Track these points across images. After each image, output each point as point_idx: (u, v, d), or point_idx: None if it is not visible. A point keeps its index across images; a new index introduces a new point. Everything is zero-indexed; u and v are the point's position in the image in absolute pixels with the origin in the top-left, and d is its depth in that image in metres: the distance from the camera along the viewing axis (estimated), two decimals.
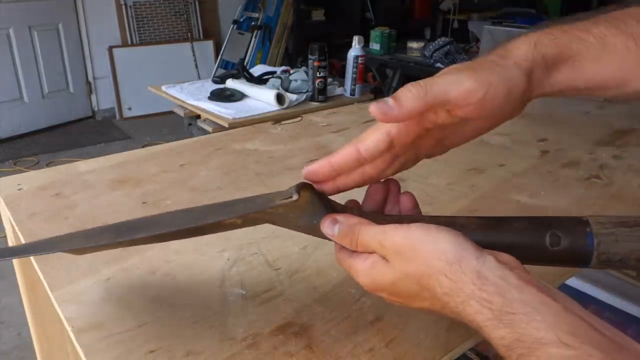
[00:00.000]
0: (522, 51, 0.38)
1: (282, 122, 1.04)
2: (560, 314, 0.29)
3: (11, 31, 3.41)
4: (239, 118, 1.61)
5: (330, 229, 0.39)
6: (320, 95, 1.74)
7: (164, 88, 1.93)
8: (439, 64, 2.88)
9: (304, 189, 0.39)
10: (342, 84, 1.87)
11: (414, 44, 3.09)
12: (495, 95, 0.36)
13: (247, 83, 1.85)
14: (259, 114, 1.64)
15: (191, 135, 1.77)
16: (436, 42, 2.98)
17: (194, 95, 1.83)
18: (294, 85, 1.80)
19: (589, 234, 0.36)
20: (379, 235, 0.36)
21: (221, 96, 1.78)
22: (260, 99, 1.73)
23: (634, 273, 1.27)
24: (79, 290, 0.50)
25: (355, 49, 1.75)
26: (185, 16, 4.21)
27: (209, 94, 1.80)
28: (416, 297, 0.36)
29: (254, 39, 4.12)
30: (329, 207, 0.40)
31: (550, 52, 0.38)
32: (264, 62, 4.02)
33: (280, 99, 1.67)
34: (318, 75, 1.71)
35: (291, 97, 1.71)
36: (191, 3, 4.25)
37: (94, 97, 4.04)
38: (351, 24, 4.23)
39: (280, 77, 1.83)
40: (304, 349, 0.43)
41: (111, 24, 3.95)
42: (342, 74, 2.05)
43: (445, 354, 0.44)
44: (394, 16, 4.32)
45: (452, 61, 2.88)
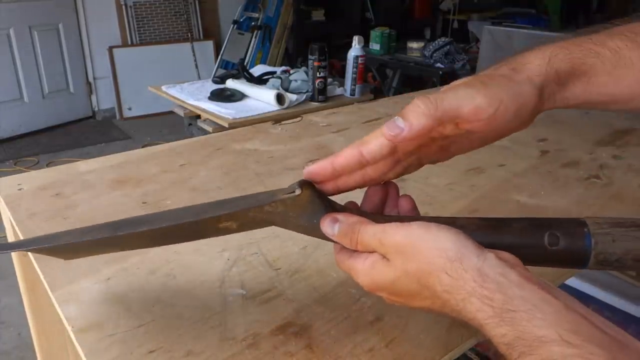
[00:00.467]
0: (535, 65, 0.38)
1: (282, 122, 1.04)
2: (562, 311, 0.29)
3: (11, 31, 3.42)
4: (239, 118, 1.61)
5: (330, 227, 0.39)
6: (320, 95, 1.74)
7: (164, 88, 1.93)
8: (438, 64, 2.88)
9: (305, 186, 0.38)
10: (342, 84, 1.87)
11: (414, 44, 3.09)
12: (505, 112, 0.36)
13: (247, 83, 1.85)
14: (259, 114, 1.64)
15: (191, 135, 1.77)
16: (436, 42, 2.98)
17: (194, 95, 1.83)
18: (294, 85, 1.80)
19: (587, 234, 0.37)
20: (379, 234, 0.36)
21: (221, 96, 1.78)
22: (260, 99, 1.74)
23: (633, 273, 1.27)
24: (79, 290, 0.50)
25: (355, 49, 1.75)
26: (185, 16, 4.21)
27: (209, 94, 1.80)
28: (416, 296, 0.36)
29: (254, 39, 4.13)
30: (329, 207, 0.40)
31: (564, 66, 0.38)
32: (264, 62, 4.02)
33: (280, 99, 1.67)
34: (318, 75, 1.71)
35: (291, 97, 1.71)
36: (191, 3, 4.25)
37: (94, 97, 4.05)
38: (351, 24, 4.24)
39: (280, 77, 1.83)
40: (304, 349, 0.43)
41: (111, 24, 3.96)
42: (342, 74, 2.05)
43: (445, 354, 0.44)
44: (394, 16, 4.32)
45: (452, 61, 2.88)
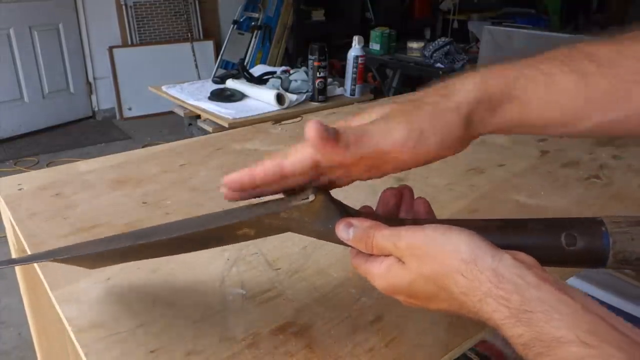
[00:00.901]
0: (465, 91, 0.37)
1: (282, 122, 1.04)
2: (579, 312, 0.29)
3: (11, 31, 3.42)
4: (239, 118, 1.61)
5: (345, 232, 0.39)
6: (320, 95, 1.74)
7: (164, 88, 1.94)
8: (438, 64, 2.88)
9: (319, 192, 0.38)
10: (342, 84, 1.87)
11: (414, 44, 3.09)
12: (426, 143, 0.36)
13: (247, 83, 1.85)
14: (259, 114, 1.64)
15: (191, 135, 1.77)
16: (436, 42, 2.98)
17: (194, 96, 1.83)
18: (294, 85, 1.80)
19: (605, 233, 0.36)
20: (393, 237, 0.36)
21: (221, 96, 1.78)
22: (260, 99, 1.74)
23: (633, 273, 1.27)
24: (79, 290, 0.50)
25: (355, 49, 1.75)
26: (185, 16, 4.21)
27: (209, 94, 1.80)
28: (434, 298, 0.36)
29: (254, 39, 4.13)
30: (343, 212, 0.40)
31: (496, 91, 0.37)
32: (264, 62, 4.02)
33: (280, 99, 1.67)
34: (318, 75, 1.71)
35: (291, 97, 1.71)
36: (191, 3, 4.25)
37: (94, 97, 4.05)
38: (351, 24, 4.24)
39: (280, 77, 1.83)
40: (304, 349, 0.43)
41: (111, 24, 3.96)
42: (342, 74, 2.05)
43: (445, 354, 0.44)
44: (394, 16, 4.32)
45: (452, 61, 2.88)
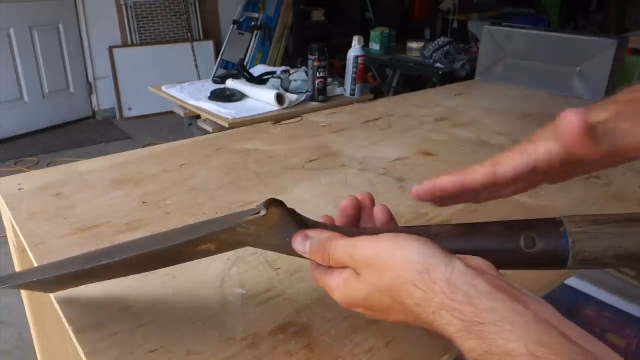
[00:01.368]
0: None
1: (282, 122, 1.04)
2: (531, 323, 0.28)
3: (12, 31, 3.42)
4: (239, 118, 1.61)
5: (302, 245, 0.38)
6: (320, 96, 1.74)
7: (164, 88, 1.94)
8: (438, 64, 2.88)
9: (273, 205, 0.38)
10: (342, 84, 1.87)
11: (413, 44, 3.09)
12: None
13: (247, 83, 1.85)
14: (259, 114, 1.64)
15: (191, 135, 1.78)
16: (436, 42, 2.98)
17: (194, 96, 1.83)
18: (294, 85, 1.80)
19: (564, 233, 0.36)
20: (349, 248, 0.36)
21: (221, 96, 1.78)
22: (261, 99, 1.74)
23: (633, 273, 1.27)
24: (79, 290, 0.50)
25: (355, 49, 1.75)
26: (185, 16, 4.21)
27: (209, 94, 1.80)
28: (390, 311, 0.35)
29: (254, 39, 4.13)
30: (301, 224, 0.39)
31: None
32: (264, 62, 4.02)
33: (280, 99, 1.67)
34: (318, 75, 1.71)
35: (291, 97, 1.71)
36: (191, 3, 4.25)
37: (94, 97, 4.05)
38: (351, 24, 4.23)
39: (280, 78, 1.83)
40: (304, 349, 0.43)
41: (111, 24, 3.96)
42: (342, 74, 2.05)
43: (445, 354, 0.44)
44: (394, 16, 4.32)
45: (451, 61, 2.88)
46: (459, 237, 0.38)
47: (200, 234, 0.39)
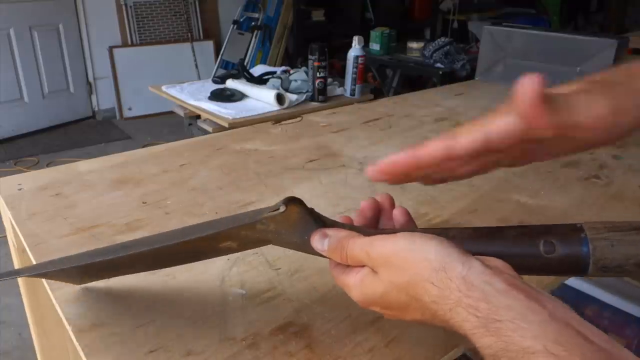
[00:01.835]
0: None
1: (282, 122, 1.04)
2: (547, 321, 0.28)
3: (11, 31, 3.42)
4: (239, 118, 1.61)
5: (320, 243, 0.38)
6: (320, 95, 1.74)
7: (164, 88, 1.93)
8: (438, 64, 2.88)
9: (292, 203, 0.38)
10: (342, 84, 1.87)
11: (414, 44, 3.09)
12: (622, 120, 0.35)
13: (247, 83, 1.85)
14: (259, 114, 1.64)
15: (191, 135, 1.77)
16: (436, 42, 2.98)
17: (194, 96, 1.83)
18: (294, 85, 1.80)
19: (585, 239, 0.35)
20: (366, 247, 0.36)
21: (221, 96, 1.78)
22: (260, 99, 1.74)
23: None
24: (79, 290, 0.50)
25: (355, 49, 1.75)
26: (185, 16, 4.21)
27: (209, 94, 1.80)
28: (407, 309, 0.35)
29: (254, 39, 4.13)
30: (320, 223, 0.40)
31: None
32: (264, 62, 4.02)
33: (280, 99, 1.67)
34: (318, 75, 1.71)
35: (291, 97, 1.71)
36: (191, 3, 4.25)
37: (94, 97, 4.05)
38: (351, 24, 4.23)
39: (280, 77, 1.83)
40: (304, 349, 0.43)
41: (111, 24, 3.96)
42: (342, 74, 2.05)
43: (445, 354, 0.44)
44: (394, 16, 4.32)
45: (452, 61, 2.88)
46: (477, 240, 0.37)
47: (221, 228, 0.40)
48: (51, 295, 0.50)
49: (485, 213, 0.67)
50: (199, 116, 1.80)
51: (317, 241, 0.39)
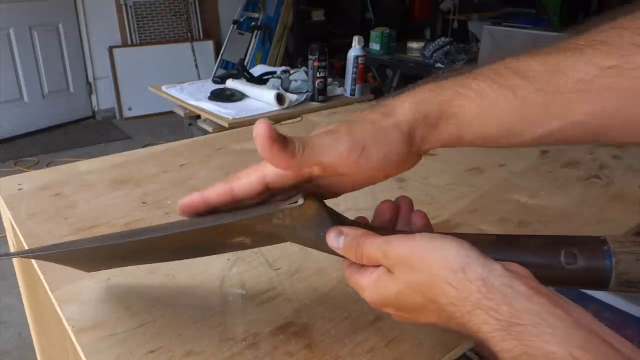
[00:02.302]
0: (405, 110, 0.37)
1: (282, 122, 1.04)
2: (573, 327, 0.28)
3: (11, 31, 3.42)
4: (239, 118, 1.61)
5: (336, 240, 0.38)
6: (320, 96, 1.74)
7: (164, 88, 1.93)
8: (438, 64, 2.88)
9: (309, 197, 0.38)
10: (342, 84, 1.87)
11: (414, 44, 3.09)
12: (369, 157, 0.36)
13: (247, 83, 1.85)
14: (259, 114, 1.64)
15: (191, 135, 1.77)
16: (436, 42, 2.98)
17: (194, 95, 1.83)
18: (294, 85, 1.80)
19: (607, 252, 0.34)
20: (383, 246, 0.35)
21: (221, 96, 1.78)
22: (260, 99, 1.73)
23: None
24: (79, 290, 0.50)
25: (355, 49, 1.75)
26: (185, 16, 4.21)
27: (209, 94, 1.80)
28: (422, 310, 0.35)
29: (254, 39, 4.13)
30: (336, 220, 0.39)
31: (432, 109, 0.37)
32: (264, 62, 4.02)
33: (280, 99, 1.67)
34: (318, 75, 1.71)
35: (291, 97, 1.71)
36: (191, 3, 4.25)
37: (94, 97, 4.05)
38: (351, 24, 4.23)
39: (280, 77, 1.83)
40: (304, 349, 0.43)
41: (111, 24, 3.96)
42: (342, 74, 2.05)
43: (445, 354, 0.44)
44: (394, 16, 4.32)
45: (452, 61, 2.88)
46: (497, 247, 0.37)
47: (236, 219, 0.40)
48: (51, 295, 0.50)
49: (485, 213, 0.67)
50: (199, 116, 1.80)
51: (333, 238, 0.38)
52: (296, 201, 0.37)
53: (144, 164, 0.81)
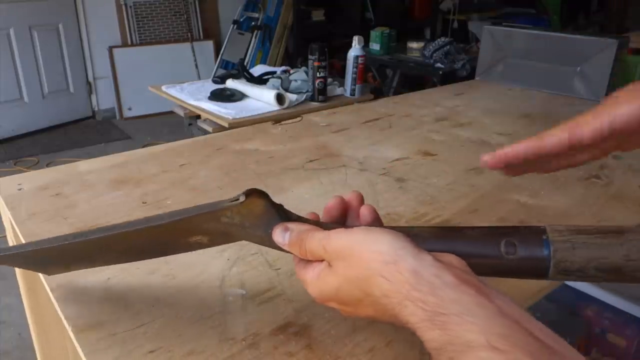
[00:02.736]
0: None
1: (282, 122, 1.04)
2: (494, 316, 0.28)
3: (11, 31, 3.42)
4: (239, 118, 1.61)
5: (281, 236, 0.38)
6: (320, 95, 1.74)
7: (164, 88, 1.93)
8: (438, 64, 2.88)
9: (254, 195, 0.38)
10: (342, 84, 1.87)
11: (414, 44, 3.09)
12: None
13: (247, 83, 1.85)
14: (259, 114, 1.64)
15: (191, 135, 1.77)
16: (436, 42, 2.98)
17: (194, 95, 1.83)
18: (294, 85, 1.80)
19: (545, 241, 0.35)
20: (323, 240, 0.36)
21: (221, 96, 1.78)
22: (260, 99, 1.74)
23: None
24: (79, 290, 0.50)
25: (355, 49, 1.75)
26: (185, 16, 4.21)
27: (209, 94, 1.80)
28: (360, 304, 0.35)
29: (254, 39, 4.13)
30: (284, 217, 0.40)
31: None
32: (264, 62, 4.02)
33: (280, 99, 1.67)
34: (318, 75, 1.71)
35: (291, 97, 1.71)
36: (191, 3, 4.25)
37: (94, 97, 4.05)
38: (351, 24, 4.23)
39: (280, 77, 1.83)
40: (304, 349, 0.43)
41: (111, 24, 3.96)
42: (342, 74, 2.05)
43: None
44: (394, 16, 4.32)
45: (452, 61, 2.88)
46: (439, 239, 0.37)
47: (183, 216, 0.40)
48: (51, 295, 0.50)
49: (485, 213, 0.67)
50: (199, 116, 1.80)
51: (279, 234, 0.39)
52: (237, 198, 0.38)
53: (144, 164, 0.81)
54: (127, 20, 3.99)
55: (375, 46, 3.16)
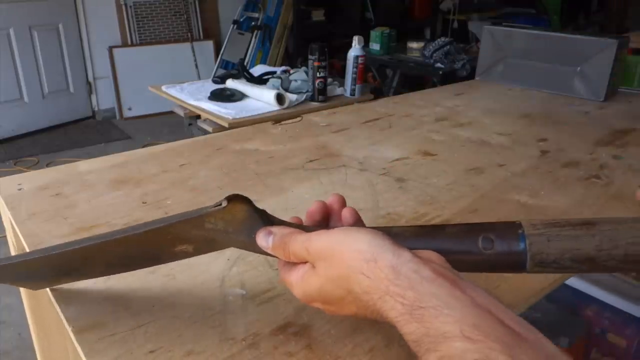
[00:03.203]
0: None
1: (282, 122, 1.04)
2: (468, 307, 0.29)
3: (11, 31, 3.42)
4: (239, 118, 1.61)
5: (265, 240, 0.39)
6: (320, 95, 1.74)
7: (164, 88, 1.94)
8: (438, 64, 2.88)
9: (236, 200, 0.39)
10: (342, 84, 1.87)
11: (414, 44, 3.09)
12: None
13: (247, 83, 1.85)
14: (259, 114, 1.64)
15: (191, 135, 1.77)
16: (436, 42, 2.98)
17: (194, 95, 1.83)
18: (294, 85, 1.80)
19: (521, 235, 0.36)
20: (305, 242, 0.37)
21: (221, 96, 1.78)
22: (260, 99, 1.74)
23: (634, 273, 1.27)
24: (79, 290, 0.50)
25: (355, 49, 1.75)
26: (185, 16, 4.21)
27: (209, 94, 1.80)
28: (343, 302, 0.36)
29: (254, 39, 4.13)
30: (267, 222, 0.40)
31: None
32: (264, 62, 4.02)
33: (280, 99, 1.67)
34: (318, 75, 1.71)
35: (291, 97, 1.71)
36: (191, 3, 4.25)
37: (94, 97, 4.05)
38: (351, 24, 4.23)
39: (280, 77, 1.83)
40: (304, 349, 0.43)
41: (111, 24, 3.96)
42: (342, 74, 2.05)
43: None
44: (394, 16, 4.32)
45: (452, 61, 2.88)
46: (419, 237, 0.38)
47: (165, 223, 0.40)
48: (51, 295, 0.50)
49: (485, 213, 0.67)
50: (199, 116, 1.80)
51: (262, 238, 0.39)
52: (220, 204, 0.38)
53: (144, 164, 0.81)
54: (127, 20, 3.99)
55: (375, 46, 3.16)
